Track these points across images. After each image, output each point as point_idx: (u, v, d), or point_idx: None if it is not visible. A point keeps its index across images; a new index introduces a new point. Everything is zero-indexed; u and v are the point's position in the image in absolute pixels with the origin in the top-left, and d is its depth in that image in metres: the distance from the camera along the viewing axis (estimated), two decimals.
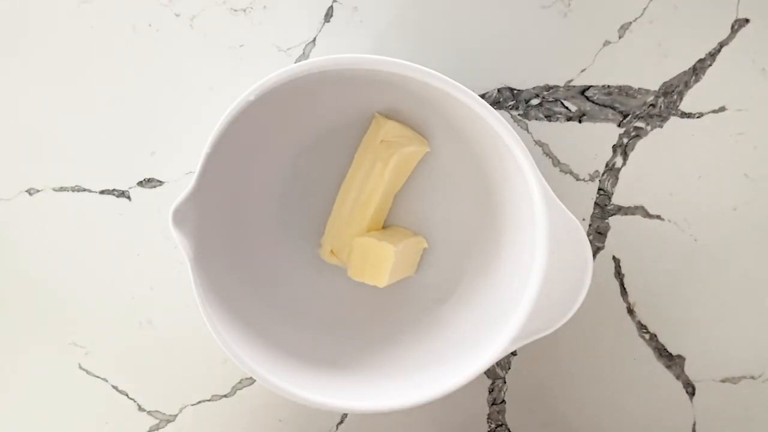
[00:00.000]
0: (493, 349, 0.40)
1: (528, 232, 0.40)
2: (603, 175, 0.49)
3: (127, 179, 0.50)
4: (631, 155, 0.49)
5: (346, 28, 0.48)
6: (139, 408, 0.53)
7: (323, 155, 0.47)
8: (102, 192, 0.50)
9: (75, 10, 0.48)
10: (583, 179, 0.49)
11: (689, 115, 0.48)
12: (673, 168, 0.49)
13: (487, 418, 0.53)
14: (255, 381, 0.52)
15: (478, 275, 0.46)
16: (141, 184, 0.50)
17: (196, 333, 0.51)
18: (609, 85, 0.48)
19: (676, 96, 0.48)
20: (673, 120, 0.48)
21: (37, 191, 0.50)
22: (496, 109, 0.46)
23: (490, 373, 0.52)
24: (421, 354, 0.45)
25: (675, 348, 0.52)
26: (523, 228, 0.41)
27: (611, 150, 0.49)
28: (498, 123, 0.38)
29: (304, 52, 0.48)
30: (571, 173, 0.49)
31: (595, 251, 0.50)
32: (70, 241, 0.51)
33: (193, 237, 0.38)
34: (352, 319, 0.48)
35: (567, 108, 0.48)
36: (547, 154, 0.49)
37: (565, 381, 0.52)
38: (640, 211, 0.50)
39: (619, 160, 0.49)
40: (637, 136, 0.49)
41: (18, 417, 0.53)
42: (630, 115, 0.48)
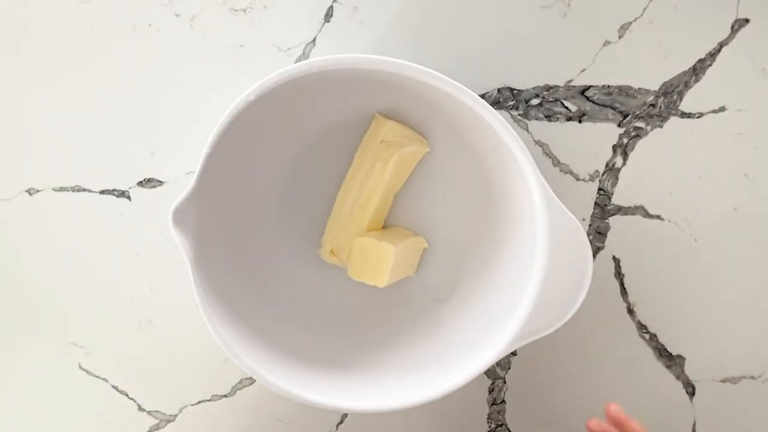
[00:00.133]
0: (493, 349, 0.40)
1: (528, 232, 0.40)
2: (603, 175, 0.49)
3: (127, 179, 0.50)
4: (631, 155, 0.49)
5: (346, 28, 0.48)
6: (139, 408, 0.53)
7: (323, 155, 0.47)
8: (102, 192, 0.50)
9: (75, 10, 0.48)
10: (583, 179, 0.49)
11: (689, 115, 0.48)
12: (673, 168, 0.49)
13: (487, 418, 0.53)
14: (255, 381, 0.52)
15: (478, 275, 0.46)
16: (141, 184, 0.50)
17: (196, 333, 0.51)
18: (609, 85, 0.48)
19: (676, 96, 0.48)
20: (673, 120, 0.48)
21: (37, 191, 0.50)
22: (496, 109, 0.46)
23: (490, 373, 0.52)
24: (421, 354, 0.45)
25: (675, 348, 0.52)
26: (523, 228, 0.41)
27: (611, 150, 0.49)
28: (498, 123, 0.38)
29: (304, 52, 0.48)
30: (571, 173, 0.49)
31: (595, 251, 0.50)
32: (70, 241, 0.51)
33: (193, 237, 0.38)
34: (352, 319, 0.48)
35: (567, 108, 0.48)
36: (547, 154, 0.49)
37: (565, 381, 0.52)
38: (640, 211, 0.50)
39: (619, 160, 0.49)
40: (637, 136, 0.49)
41: (18, 417, 0.53)
42: (630, 115, 0.48)
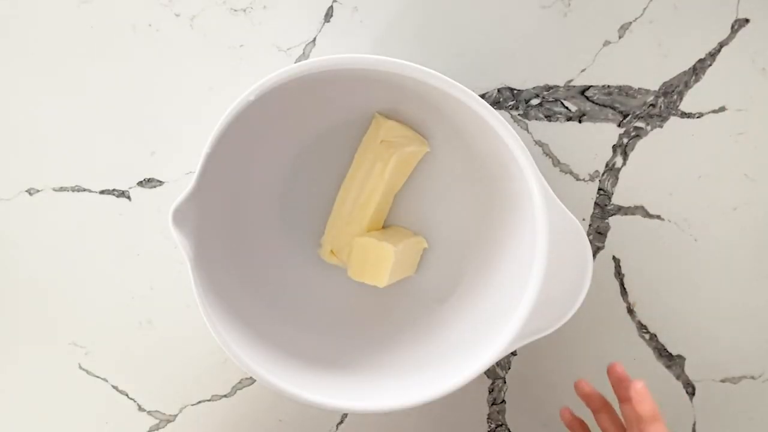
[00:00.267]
0: (493, 349, 0.40)
1: (528, 232, 0.40)
2: (603, 175, 0.49)
3: (127, 179, 0.50)
4: (631, 155, 0.49)
5: (346, 28, 0.48)
6: (139, 408, 0.53)
7: (323, 155, 0.47)
8: (102, 192, 0.50)
9: (75, 10, 0.48)
10: (583, 179, 0.49)
11: (689, 115, 0.48)
12: (673, 168, 0.49)
13: (487, 418, 0.53)
14: (255, 381, 0.52)
15: (478, 275, 0.46)
16: (141, 184, 0.50)
17: (196, 333, 0.51)
18: (609, 85, 0.48)
19: (676, 96, 0.48)
20: (673, 120, 0.48)
21: (37, 191, 0.50)
22: (496, 109, 0.46)
23: (490, 373, 0.52)
24: (421, 354, 0.45)
25: (675, 348, 0.52)
26: (523, 228, 0.41)
27: (611, 150, 0.49)
28: (498, 123, 0.38)
29: (304, 52, 0.48)
30: (571, 173, 0.49)
31: (595, 251, 0.50)
32: (70, 241, 0.51)
33: (193, 237, 0.38)
34: (352, 319, 0.48)
35: (567, 108, 0.48)
36: (547, 154, 0.49)
37: (565, 381, 0.52)
38: (640, 211, 0.50)
39: (619, 160, 0.49)
40: (637, 136, 0.49)
41: (18, 417, 0.53)
42: (630, 115, 0.48)
